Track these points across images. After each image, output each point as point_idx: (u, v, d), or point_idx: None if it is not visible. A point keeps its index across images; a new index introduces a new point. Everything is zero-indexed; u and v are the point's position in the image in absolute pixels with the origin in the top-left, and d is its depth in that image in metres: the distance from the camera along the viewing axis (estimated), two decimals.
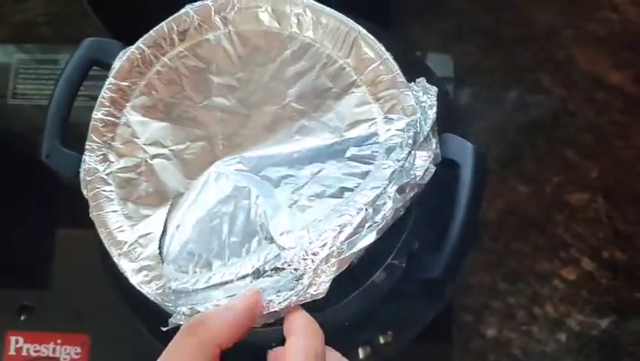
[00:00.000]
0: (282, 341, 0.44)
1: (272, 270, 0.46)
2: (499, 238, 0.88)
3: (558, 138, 0.92)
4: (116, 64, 0.56)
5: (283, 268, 0.46)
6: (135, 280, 0.51)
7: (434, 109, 0.51)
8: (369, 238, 0.46)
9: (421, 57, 0.78)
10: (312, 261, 0.45)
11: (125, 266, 0.51)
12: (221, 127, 0.55)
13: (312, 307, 0.50)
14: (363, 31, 0.54)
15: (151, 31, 0.56)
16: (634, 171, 0.89)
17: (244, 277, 0.47)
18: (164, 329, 0.47)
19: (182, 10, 0.56)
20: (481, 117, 0.94)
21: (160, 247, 0.51)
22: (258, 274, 0.47)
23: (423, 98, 0.52)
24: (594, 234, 0.87)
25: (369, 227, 0.46)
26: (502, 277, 0.87)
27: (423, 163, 0.49)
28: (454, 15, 0.95)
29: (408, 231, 0.53)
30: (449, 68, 0.83)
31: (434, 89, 0.53)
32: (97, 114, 0.55)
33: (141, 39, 0.57)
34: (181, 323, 0.46)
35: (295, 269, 0.46)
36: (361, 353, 0.59)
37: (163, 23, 0.56)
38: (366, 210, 0.47)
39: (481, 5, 0.96)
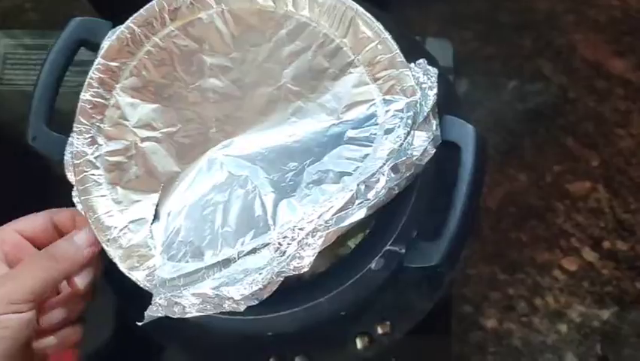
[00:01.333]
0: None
1: (251, 251, 0.46)
2: (499, 228, 0.86)
3: (558, 127, 0.90)
4: (105, 44, 0.54)
5: (265, 246, 0.46)
6: (124, 266, 0.50)
7: (434, 90, 0.50)
8: (358, 214, 0.45)
9: (420, 42, 0.77)
10: (298, 235, 0.45)
11: (114, 252, 0.50)
12: (215, 109, 0.53)
13: (308, 295, 0.51)
14: (361, 9, 0.52)
15: (141, 10, 0.55)
16: (636, 160, 0.88)
17: (227, 261, 0.47)
18: (140, 323, 0.46)
19: None
20: (480, 105, 0.92)
21: (150, 234, 0.50)
22: (238, 256, 0.46)
23: (423, 79, 0.51)
24: (595, 223, 0.86)
25: (359, 204, 0.46)
26: (501, 267, 0.85)
27: (422, 143, 0.48)
28: (455, 1, 0.94)
29: (407, 216, 0.52)
30: (448, 54, 0.81)
31: (434, 71, 0.51)
32: (85, 95, 0.53)
33: (131, 18, 0.55)
34: (158, 314, 0.45)
35: (279, 244, 0.45)
36: (359, 344, 0.58)
37: (154, 1, 0.54)
38: (358, 186, 0.46)
39: None
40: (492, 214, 0.86)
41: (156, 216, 0.51)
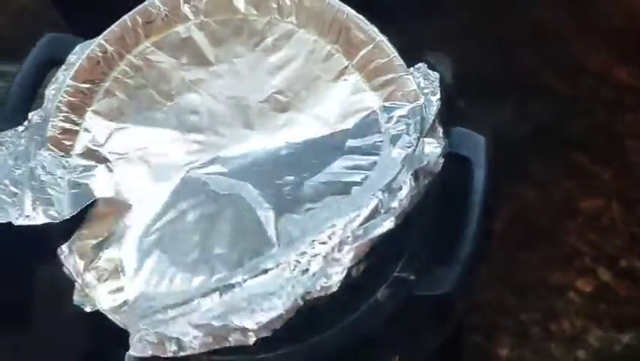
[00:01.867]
0: None
1: (261, 272, 0.42)
2: (507, 249, 0.84)
3: (566, 141, 0.89)
4: (71, 59, 0.51)
5: (277, 266, 0.42)
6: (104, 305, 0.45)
7: (438, 95, 0.48)
8: (387, 224, 0.42)
9: (419, 54, 0.75)
10: (320, 251, 0.42)
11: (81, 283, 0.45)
12: (194, 126, 0.50)
13: (306, 331, 0.46)
14: (352, 12, 0.51)
15: (113, 26, 0.52)
16: None
17: (229, 286, 0.42)
18: None
19: (147, 2, 0.53)
20: (482, 121, 0.90)
21: (124, 263, 0.46)
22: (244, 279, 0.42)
23: (424, 84, 0.49)
24: (610, 241, 0.83)
25: (385, 213, 0.43)
26: (511, 291, 0.83)
27: (433, 150, 0.46)
28: (452, 13, 0.92)
29: (415, 238, 0.48)
30: (448, 69, 0.79)
31: (436, 75, 0.49)
32: (54, 121, 0.50)
33: (102, 35, 0.52)
34: (145, 355, 0.40)
35: (297, 262, 0.42)
36: None
37: (126, 16, 0.52)
38: (383, 192, 0.43)
39: (478, 3, 0.93)
40: (499, 235, 0.82)
41: (127, 242, 0.47)
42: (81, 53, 0.52)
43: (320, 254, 0.41)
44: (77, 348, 0.52)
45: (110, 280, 0.45)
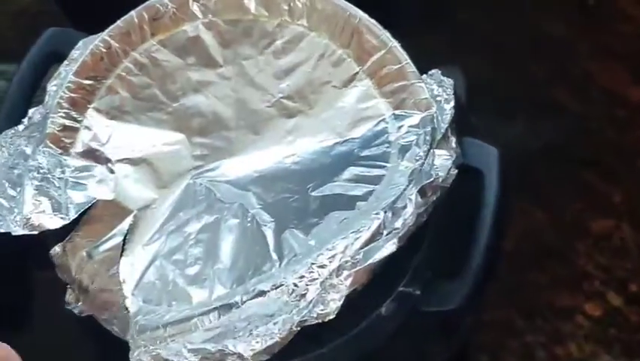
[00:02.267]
0: None
1: (259, 293, 0.40)
2: (515, 269, 0.82)
3: (577, 160, 0.88)
4: (74, 54, 0.50)
5: (275, 288, 0.40)
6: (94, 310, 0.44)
7: (451, 103, 0.46)
8: (389, 246, 0.40)
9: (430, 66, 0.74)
10: (319, 274, 0.40)
11: (79, 294, 0.44)
12: (199, 129, 0.49)
13: (306, 345, 0.44)
14: (365, 16, 0.49)
15: (118, 21, 0.51)
16: None
17: (227, 306, 0.40)
18: None
19: None
20: (490, 137, 0.88)
21: (121, 271, 0.44)
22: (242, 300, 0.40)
23: (438, 91, 0.47)
24: (620, 264, 0.80)
25: (387, 234, 0.41)
26: (518, 312, 0.81)
27: (444, 163, 0.44)
28: (462, 26, 0.91)
29: (422, 251, 0.47)
30: (459, 82, 0.78)
31: (450, 82, 0.48)
32: (54, 117, 0.48)
33: (107, 30, 0.51)
34: None
35: (295, 285, 0.40)
36: None
37: (133, 12, 0.51)
38: (385, 213, 0.41)
39: (489, 16, 0.92)
40: (507, 254, 0.81)
41: (126, 250, 0.45)
42: (84, 49, 0.50)
43: (318, 279, 0.40)
44: (77, 351, 0.50)
45: (109, 299, 0.44)
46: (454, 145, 0.46)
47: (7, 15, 0.92)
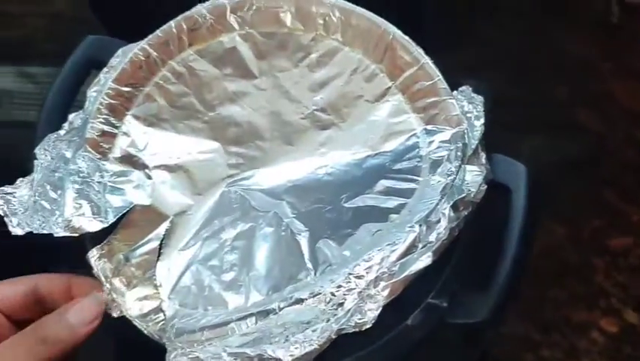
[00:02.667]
0: None
1: (296, 301, 0.40)
2: (533, 284, 0.82)
3: (596, 178, 0.88)
4: (114, 62, 0.50)
5: (313, 296, 0.40)
6: (132, 312, 0.44)
7: (482, 120, 0.47)
8: (424, 259, 0.40)
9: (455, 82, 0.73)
10: (356, 285, 0.40)
11: (116, 297, 0.44)
12: (235, 138, 0.49)
13: (333, 354, 0.43)
14: (399, 32, 0.49)
15: (157, 31, 0.51)
16: None
17: (265, 312, 0.41)
18: None
19: (194, 9, 0.51)
20: (511, 154, 0.88)
21: (157, 275, 0.45)
22: (280, 307, 0.41)
23: (468, 108, 0.47)
24: (637, 282, 0.82)
25: (422, 248, 0.41)
26: (535, 326, 0.81)
27: (475, 178, 0.44)
28: (484, 43, 0.91)
29: (450, 264, 0.47)
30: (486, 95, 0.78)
31: (480, 99, 0.48)
32: (93, 123, 0.48)
33: (146, 39, 0.51)
34: None
35: (333, 294, 0.40)
36: None
37: (171, 22, 0.51)
38: (420, 226, 0.41)
39: (512, 34, 0.92)
40: (526, 269, 0.81)
41: (162, 254, 0.45)
42: (123, 57, 0.50)
43: (355, 289, 0.40)
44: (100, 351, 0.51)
45: (140, 287, 0.44)
46: (483, 161, 0.46)
47: (43, 18, 0.93)
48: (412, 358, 0.51)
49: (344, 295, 0.40)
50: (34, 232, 0.44)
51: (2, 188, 0.46)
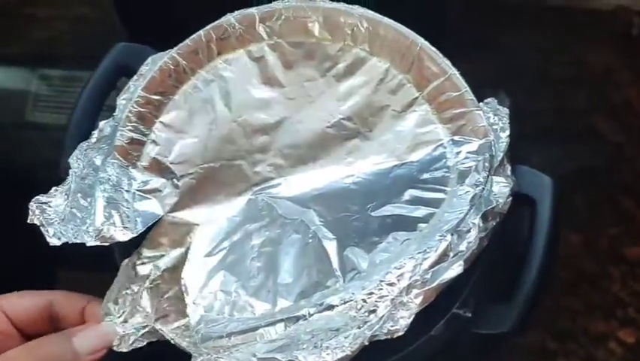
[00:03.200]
0: None
1: (327, 307, 0.41)
2: (549, 293, 0.82)
3: (614, 186, 0.87)
4: (143, 70, 0.51)
5: (345, 303, 0.40)
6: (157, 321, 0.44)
7: (507, 132, 0.47)
8: (456, 268, 0.41)
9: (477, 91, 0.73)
10: (388, 292, 0.40)
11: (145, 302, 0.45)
12: (261, 146, 0.50)
13: None
14: (426, 43, 0.49)
15: (187, 40, 0.51)
16: None
17: (295, 318, 0.41)
18: None
19: (223, 18, 0.52)
20: (529, 162, 0.88)
21: (183, 281, 0.45)
22: (310, 313, 0.41)
23: (494, 120, 0.47)
24: None
25: (453, 256, 0.41)
26: (552, 335, 0.81)
27: (502, 189, 0.45)
28: (503, 53, 0.91)
29: (475, 275, 0.47)
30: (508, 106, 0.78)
31: (505, 111, 0.48)
32: (123, 131, 0.49)
33: (176, 48, 0.51)
34: None
35: (364, 301, 0.40)
36: None
37: (201, 31, 0.51)
38: (452, 235, 0.42)
39: (531, 44, 0.92)
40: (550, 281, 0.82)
41: (189, 261, 0.46)
42: (153, 65, 0.51)
43: (388, 297, 0.40)
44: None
45: (172, 307, 0.45)
46: (509, 173, 0.46)
47: (67, 21, 0.94)
48: None
49: (376, 302, 0.40)
50: (69, 242, 0.44)
51: (37, 197, 0.46)
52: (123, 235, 0.45)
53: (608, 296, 0.82)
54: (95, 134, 0.50)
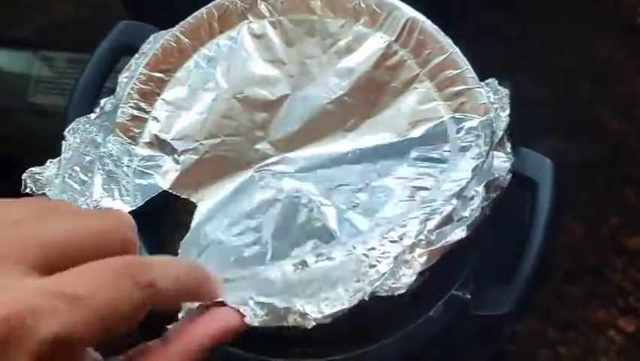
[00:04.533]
0: None
1: (328, 258, 0.40)
2: (551, 282, 0.82)
3: (617, 177, 0.87)
4: (145, 48, 0.51)
5: (348, 255, 0.40)
6: None
7: (507, 112, 0.47)
8: (459, 232, 0.41)
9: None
10: (391, 248, 0.40)
11: None
12: (262, 122, 0.50)
13: (353, 342, 0.46)
14: (428, 21, 0.49)
15: (189, 18, 0.52)
16: None
17: (297, 265, 0.40)
18: None
19: None
20: (532, 146, 0.89)
21: (181, 250, 0.45)
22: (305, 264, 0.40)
23: (494, 99, 0.47)
24: None
25: (457, 221, 0.41)
26: (552, 324, 0.81)
27: (502, 164, 0.45)
28: (508, 42, 0.91)
29: (474, 256, 0.47)
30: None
31: (506, 91, 0.48)
32: (124, 107, 0.49)
33: (178, 26, 0.52)
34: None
35: (365, 255, 0.40)
36: None
37: (203, 9, 0.52)
38: (457, 199, 0.42)
39: (536, 33, 0.91)
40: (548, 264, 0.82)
41: (189, 232, 0.46)
42: (155, 43, 0.51)
43: (391, 253, 0.40)
44: None
45: None
46: (509, 151, 0.46)
47: (69, 4, 0.94)
48: (430, 352, 0.51)
49: (378, 257, 0.40)
50: None
51: (31, 169, 0.46)
52: (121, 207, 0.45)
53: (609, 285, 0.82)
54: (97, 111, 0.50)
